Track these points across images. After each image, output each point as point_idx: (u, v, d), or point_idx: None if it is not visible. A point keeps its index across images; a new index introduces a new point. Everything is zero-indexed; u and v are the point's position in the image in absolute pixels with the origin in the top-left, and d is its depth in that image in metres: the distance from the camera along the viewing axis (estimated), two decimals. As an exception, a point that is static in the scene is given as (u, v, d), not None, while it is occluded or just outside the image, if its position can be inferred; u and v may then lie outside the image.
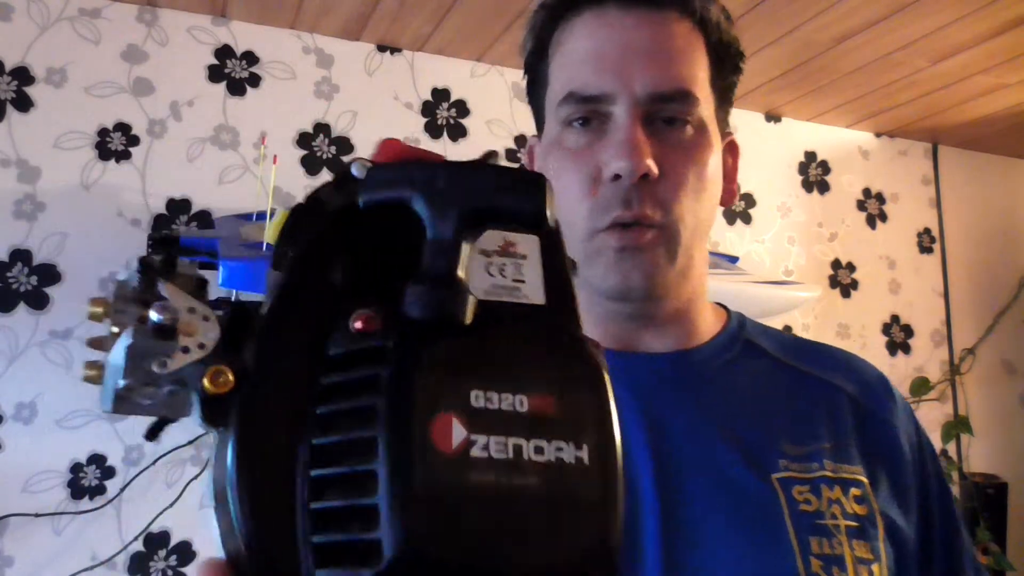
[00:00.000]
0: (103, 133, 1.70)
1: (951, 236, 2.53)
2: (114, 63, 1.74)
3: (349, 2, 1.76)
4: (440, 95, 2.01)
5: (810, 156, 2.40)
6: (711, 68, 0.67)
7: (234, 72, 1.83)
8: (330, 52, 1.92)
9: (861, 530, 0.62)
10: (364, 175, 0.30)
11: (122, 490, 1.59)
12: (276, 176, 1.65)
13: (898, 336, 2.39)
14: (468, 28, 1.86)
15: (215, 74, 1.81)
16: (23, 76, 1.66)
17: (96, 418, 1.60)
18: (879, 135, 2.49)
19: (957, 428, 2.29)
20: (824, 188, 2.40)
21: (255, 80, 1.84)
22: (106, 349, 0.31)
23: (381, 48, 1.97)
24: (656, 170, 0.62)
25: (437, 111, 2.00)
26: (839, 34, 1.84)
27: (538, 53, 0.71)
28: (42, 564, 1.53)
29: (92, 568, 1.55)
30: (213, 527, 0.28)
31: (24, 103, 1.66)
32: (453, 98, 2.02)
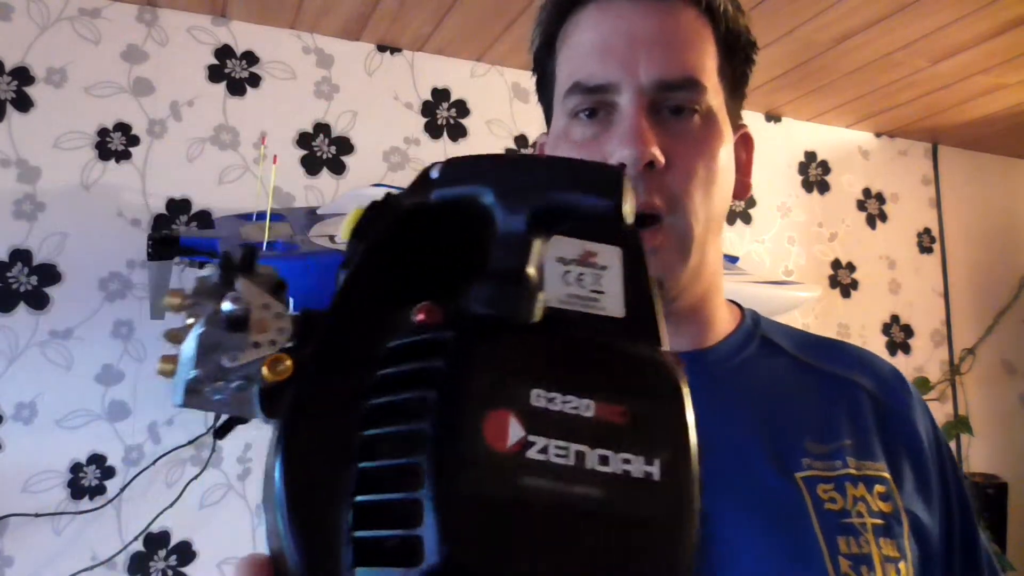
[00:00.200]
0: (103, 133, 1.70)
1: (951, 236, 2.53)
2: (114, 63, 1.74)
3: (349, 2, 1.76)
4: (440, 95, 2.01)
5: (810, 156, 2.40)
6: (720, 58, 0.66)
7: (234, 72, 1.83)
8: (330, 52, 1.92)
9: (887, 528, 0.61)
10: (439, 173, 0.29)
11: (122, 490, 1.59)
12: (276, 176, 1.65)
13: (898, 336, 2.39)
14: (468, 28, 1.86)
15: (215, 74, 1.81)
16: (23, 76, 1.66)
17: (96, 418, 1.61)
18: (879, 135, 2.49)
19: (957, 428, 2.29)
20: (824, 188, 2.40)
21: (255, 80, 1.84)
22: (182, 342, 0.31)
23: (381, 48, 1.97)
24: (662, 159, 0.60)
25: (437, 111, 2.00)
26: (839, 34, 1.84)
27: (546, 48, 0.71)
28: (42, 564, 1.53)
29: (92, 568, 1.55)
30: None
31: (24, 103, 1.66)
32: (453, 98, 2.02)
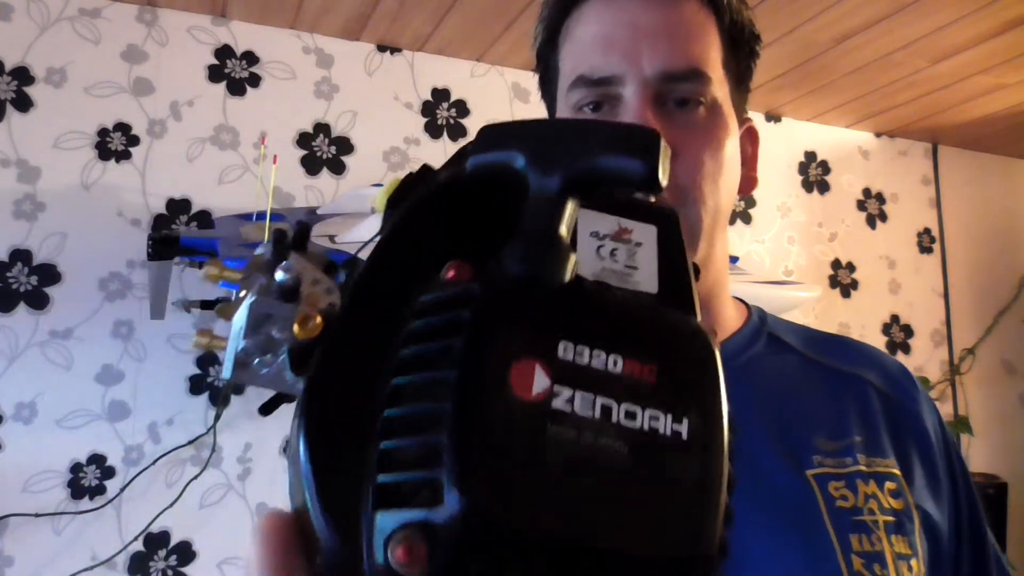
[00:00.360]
0: (103, 133, 1.70)
1: (951, 236, 2.53)
2: (114, 63, 1.74)
3: (349, 2, 1.76)
4: (440, 95, 2.01)
5: (810, 156, 2.40)
6: (724, 49, 0.66)
7: (234, 72, 1.83)
8: (330, 52, 1.92)
9: (899, 525, 0.60)
10: None
11: (122, 490, 1.59)
12: (276, 176, 1.65)
13: (898, 336, 2.39)
14: (468, 28, 1.86)
15: (215, 74, 1.81)
16: (23, 76, 1.66)
17: (96, 418, 1.61)
18: (879, 135, 2.49)
19: (957, 428, 2.29)
20: (824, 188, 2.40)
21: (255, 80, 1.84)
22: (232, 318, 0.31)
23: (381, 48, 1.97)
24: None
25: (437, 111, 2.00)
26: (839, 34, 1.84)
27: (549, 43, 0.70)
28: (42, 564, 1.53)
29: (92, 568, 1.55)
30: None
31: (24, 103, 1.66)
32: (453, 98, 2.02)
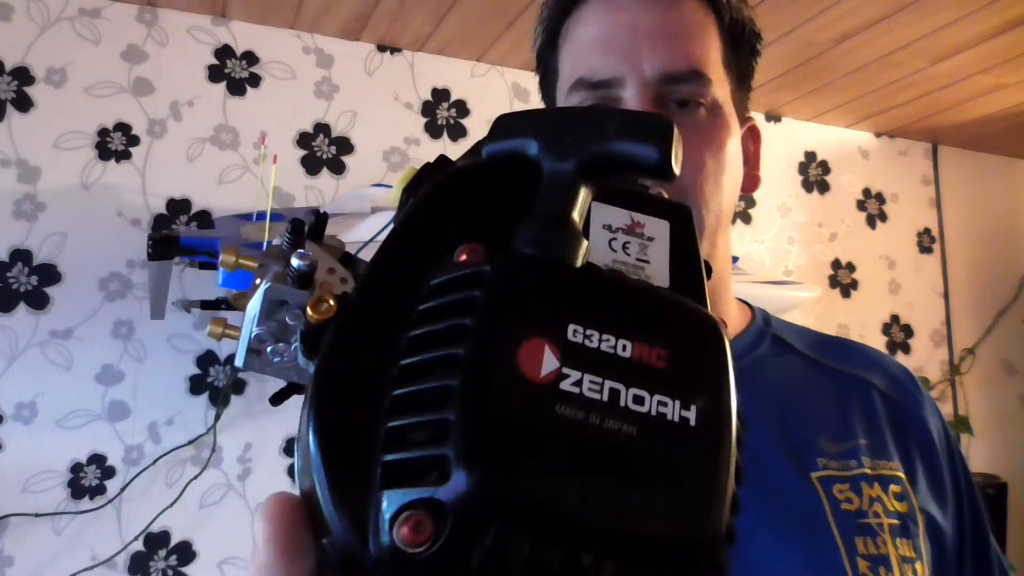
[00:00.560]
0: (103, 133, 1.70)
1: (951, 236, 2.53)
2: (114, 63, 1.74)
3: (349, 2, 1.76)
4: (440, 95, 2.01)
5: (810, 156, 2.40)
6: (724, 49, 0.65)
7: (234, 72, 1.83)
8: (330, 52, 1.92)
9: (903, 528, 0.60)
10: None
11: (122, 490, 1.59)
12: (276, 176, 1.66)
13: (898, 336, 2.39)
14: (468, 28, 1.86)
15: (215, 74, 1.81)
16: (23, 76, 1.66)
17: (96, 418, 1.61)
18: (879, 135, 2.49)
19: (957, 428, 2.29)
20: (824, 188, 2.40)
21: (255, 80, 1.84)
22: (246, 308, 0.31)
23: (381, 48, 1.97)
24: None
25: (437, 111, 2.00)
26: (839, 34, 1.84)
27: (548, 45, 0.70)
28: (42, 564, 1.53)
29: (92, 568, 1.55)
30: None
31: (24, 103, 1.66)
32: (453, 98, 2.02)
